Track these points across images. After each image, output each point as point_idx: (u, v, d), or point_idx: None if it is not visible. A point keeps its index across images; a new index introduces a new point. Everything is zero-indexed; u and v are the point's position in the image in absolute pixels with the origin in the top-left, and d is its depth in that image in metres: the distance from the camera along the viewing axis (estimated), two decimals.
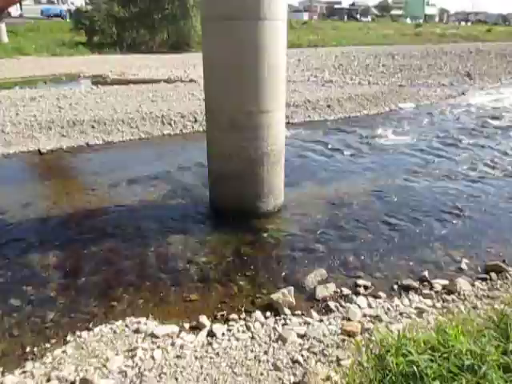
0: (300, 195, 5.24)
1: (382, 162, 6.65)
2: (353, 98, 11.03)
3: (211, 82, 4.35)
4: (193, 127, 8.52)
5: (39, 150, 6.97)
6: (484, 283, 3.35)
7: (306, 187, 5.56)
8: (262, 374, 2.38)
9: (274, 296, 3.08)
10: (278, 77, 4.24)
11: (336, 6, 72.64)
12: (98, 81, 14.73)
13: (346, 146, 7.47)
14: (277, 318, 2.93)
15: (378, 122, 9.42)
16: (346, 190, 5.40)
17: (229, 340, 2.69)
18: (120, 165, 6.46)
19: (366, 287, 3.31)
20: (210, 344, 2.66)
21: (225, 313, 3.01)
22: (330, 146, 7.49)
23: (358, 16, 65.98)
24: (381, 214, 4.69)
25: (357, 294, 3.22)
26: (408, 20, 65.95)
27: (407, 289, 3.30)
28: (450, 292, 3.23)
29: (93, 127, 8.03)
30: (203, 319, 2.90)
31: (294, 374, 2.36)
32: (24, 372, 2.47)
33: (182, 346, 2.63)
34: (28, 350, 2.69)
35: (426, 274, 3.46)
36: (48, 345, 2.72)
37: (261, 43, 4.00)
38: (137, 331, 2.80)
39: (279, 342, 2.64)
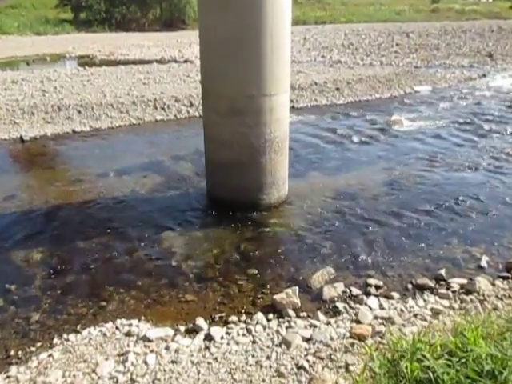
0: (306, 186, 5.22)
1: (396, 150, 6.62)
2: (364, 80, 10.95)
3: (208, 63, 4.31)
4: (188, 112, 8.49)
5: (21, 138, 6.95)
6: (505, 282, 3.33)
7: (312, 178, 5.54)
8: (264, 381, 2.38)
9: (278, 297, 3.08)
10: (281, 57, 4.20)
11: None
12: (85, 62, 14.65)
13: (357, 133, 7.42)
14: (280, 320, 2.92)
15: (392, 106, 9.36)
16: (356, 181, 5.38)
17: (228, 344, 2.69)
18: (109, 153, 6.44)
19: (377, 287, 3.31)
20: (207, 348, 2.66)
21: (223, 314, 3.01)
22: (338, 133, 7.45)
23: None
24: (394, 207, 4.67)
25: (367, 294, 3.22)
26: None
27: (422, 288, 3.29)
28: (468, 292, 3.22)
29: (79, 112, 8.00)
30: (200, 321, 2.90)
31: (299, 381, 2.36)
32: (8, 377, 2.48)
33: (177, 351, 2.64)
34: (12, 353, 2.69)
35: (442, 272, 3.45)
36: (33, 348, 2.73)
37: (263, 19, 3.95)
38: (128, 334, 2.80)
39: (283, 346, 2.64)
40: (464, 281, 3.35)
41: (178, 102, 8.72)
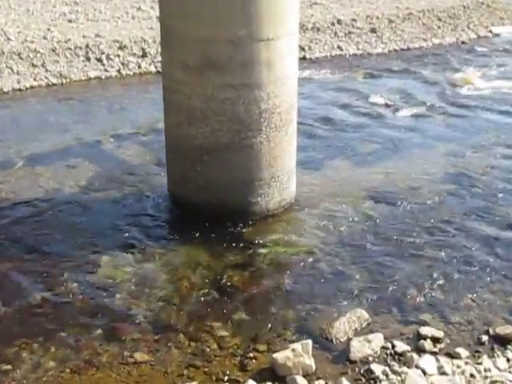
0: (324, 183, 5.22)
1: (464, 126, 6.64)
2: (414, 16, 10.94)
3: None
4: (139, 66, 8.43)
5: None
6: None
7: (334, 169, 5.54)
8: None
9: (280, 356, 3.07)
10: None
11: None
12: None
13: (403, 100, 7.43)
14: None
15: (458, 57, 9.35)
16: (402, 175, 5.40)
17: None
18: (15, 130, 6.39)
19: (435, 340, 3.31)
20: None
21: None
22: (375, 100, 7.45)
23: None
24: (460, 217, 4.69)
25: (420, 351, 3.22)
26: None
27: (504, 341, 3.31)
28: None
29: None
30: None
31: None
32: None
33: None
34: None
35: None
36: None
37: None
38: None
39: None
40: None
41: (124, 49, 8.65)
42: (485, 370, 3.06)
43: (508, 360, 3.16)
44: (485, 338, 3.36)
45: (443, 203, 4.92)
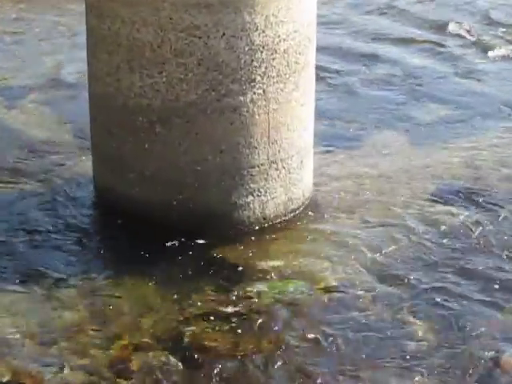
0: (359, 173, 5.30)
1: None
2: None
3: None
4: None
5: None
6: None
7: (377, 150, 5.65)
8: None
9: None
10: None
11: None
12: None
13: (495, 32, 7.54)
14: None
15: None
16: (494, 161, 5.49)
17: None
18: None
19: None
20: None
21: None
22: (446, 31, 7.54)
23: None
24: None
25: None
26: None
27: None
28: None
29: None
30: None
31: None
32: None
33: None
34: None
35: None
36: None
37: None
38: None
39: None
40: None
41: None
42: None
43: None
44: None
45: None
